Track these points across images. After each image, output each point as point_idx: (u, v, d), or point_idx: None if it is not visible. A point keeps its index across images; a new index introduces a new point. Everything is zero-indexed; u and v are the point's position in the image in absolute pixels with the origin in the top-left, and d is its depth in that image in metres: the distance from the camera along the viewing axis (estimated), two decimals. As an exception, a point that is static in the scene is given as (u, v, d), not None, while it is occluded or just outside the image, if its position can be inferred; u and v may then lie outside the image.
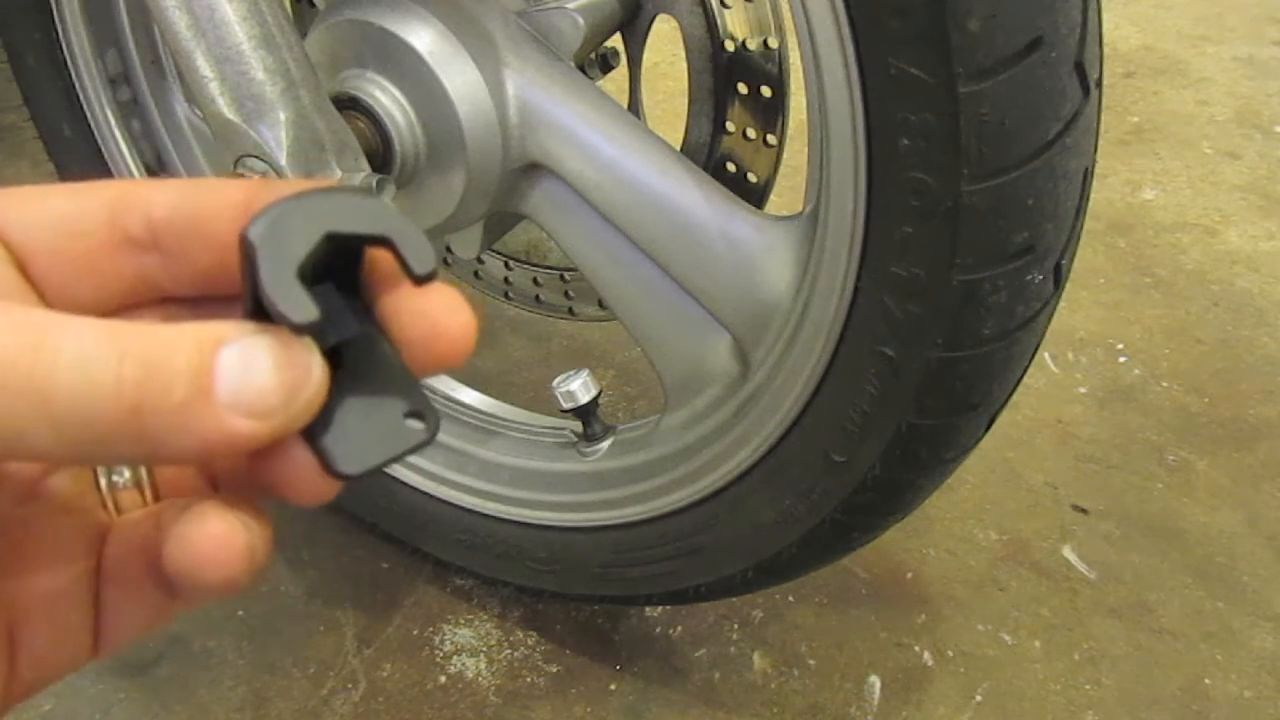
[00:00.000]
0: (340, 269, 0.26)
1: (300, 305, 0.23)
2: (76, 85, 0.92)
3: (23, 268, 0.26)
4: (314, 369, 0.24)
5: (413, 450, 0.26)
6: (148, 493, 0.29)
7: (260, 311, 0.24)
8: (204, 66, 0.57)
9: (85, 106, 0.93)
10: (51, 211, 0.27)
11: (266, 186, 0.26)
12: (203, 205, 0.27)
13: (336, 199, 0.25)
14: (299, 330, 0.23)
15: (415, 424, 0.26)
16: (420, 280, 0.25)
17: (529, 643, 0.95)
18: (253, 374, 0.23)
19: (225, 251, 0.26)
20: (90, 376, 0.21)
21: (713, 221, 0.68)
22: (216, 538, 0.25)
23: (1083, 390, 1.22)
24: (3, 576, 0.27)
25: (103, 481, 0.28)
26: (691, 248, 0.69)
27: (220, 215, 0.26)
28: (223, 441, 0.23)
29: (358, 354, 0.26)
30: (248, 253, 0.24)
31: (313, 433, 0.25)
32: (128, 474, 0.29)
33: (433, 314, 0.26)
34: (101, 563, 0.29)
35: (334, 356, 0.25)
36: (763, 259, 0.68)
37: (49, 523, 0.28)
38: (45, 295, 0.27)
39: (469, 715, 0.89)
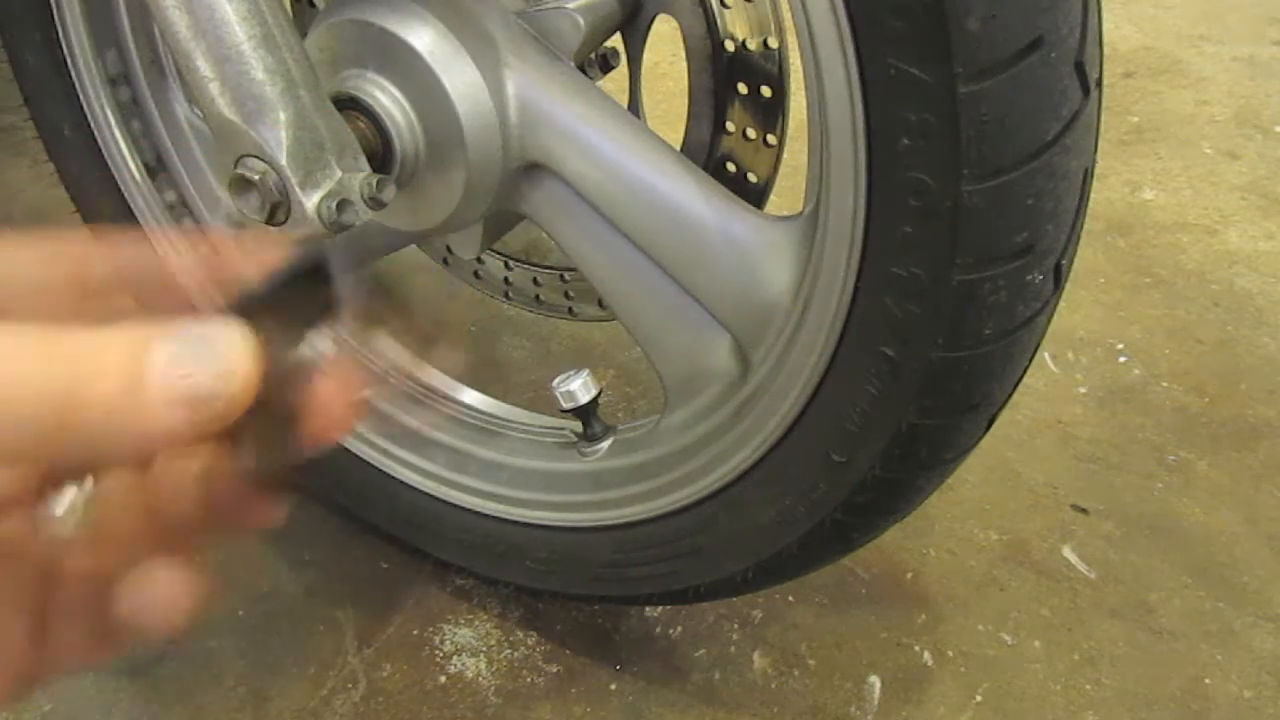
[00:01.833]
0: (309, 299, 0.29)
1: None
2: (76, 85, 0.92)
3: None
4: (246, 359, 0.25)
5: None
6: (93, 531, 0.29)
7: (241, 308, 0.26)
8: (204, 66, 0.57)
9: (85, 106, 0.93)
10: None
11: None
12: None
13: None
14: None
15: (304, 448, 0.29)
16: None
17: (529, 643, 0.95)
18: (185, 363, 0.24)
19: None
20: (19, 373, 0.22)
21: (713, 221, 0.68)
22: (166, 594, 0.28)
23: (1083, 390, 1.22)
24: None
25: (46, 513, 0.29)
26: (691, 248, 0.69)
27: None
28: (159, 432, 0.24)
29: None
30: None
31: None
32: (71, 520, 0.29)
33: (326, 392, 0.29)
34: (51, 601, 0.30)
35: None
36: (763, 259, 0.68)
37: None
38: None
39: (469, 715, 0.89)
